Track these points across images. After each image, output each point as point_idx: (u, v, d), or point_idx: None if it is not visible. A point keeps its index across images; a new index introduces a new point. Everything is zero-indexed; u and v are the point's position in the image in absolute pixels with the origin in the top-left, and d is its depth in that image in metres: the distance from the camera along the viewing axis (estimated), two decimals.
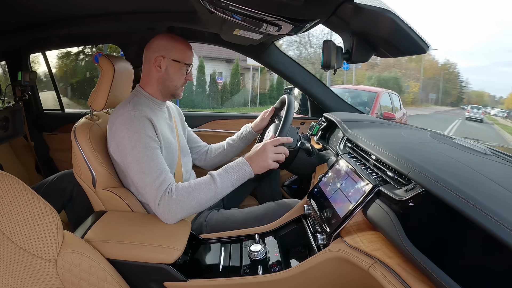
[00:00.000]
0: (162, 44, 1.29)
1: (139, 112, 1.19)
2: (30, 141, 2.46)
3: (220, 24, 1.36)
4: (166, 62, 1.29)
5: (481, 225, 0.56)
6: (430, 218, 0.73)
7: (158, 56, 1.28)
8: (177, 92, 1.36)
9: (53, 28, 1.82)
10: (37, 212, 0.86)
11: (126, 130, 1.16)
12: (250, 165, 1.18)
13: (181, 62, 1.31)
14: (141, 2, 1.50)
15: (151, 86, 1.33)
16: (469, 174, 0.78)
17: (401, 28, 0.94)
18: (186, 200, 1.10)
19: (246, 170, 1.18)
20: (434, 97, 41.82)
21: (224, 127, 2.25)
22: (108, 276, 0.93)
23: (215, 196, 1.14)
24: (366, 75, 34.28)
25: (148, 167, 1.12)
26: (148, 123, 1.20)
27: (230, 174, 1.16)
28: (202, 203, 1.13)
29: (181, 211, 1.11)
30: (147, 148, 1.15)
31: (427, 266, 0.64)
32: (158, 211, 1.11)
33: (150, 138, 1.17)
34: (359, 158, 1.14)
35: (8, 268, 0.76)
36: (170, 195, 1.10)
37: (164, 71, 1.30)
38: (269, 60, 2.01)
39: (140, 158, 1.13)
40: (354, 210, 0.89)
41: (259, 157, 1.19)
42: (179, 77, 1.33)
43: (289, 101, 1.46)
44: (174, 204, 1.10)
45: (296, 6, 0.90)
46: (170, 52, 1.29)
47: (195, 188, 1.13)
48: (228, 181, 1.15)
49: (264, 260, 1.07)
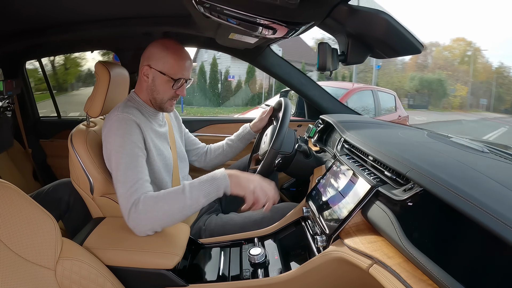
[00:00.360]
0: (152, 53, 1.22)
1: (127, 115, 1.15)
2: (28, 149, 2.45)
3: (215, 28, 1.36)
4: (153, 72, 1.23)
5: (480, 223, 0.56)
6: (429, 217, 0.73)
7: (145, 65, 1.23)
8: (165, 105, 1.28)
9: (48, 34, 1.81)
10: (36, 220, 0.85)
11: (113, 134, 1.12)
12: (229, 179, 1.04)
13: (168, 75, 1.22)
14: (136, 7, 1.49)
15: (143, 94, 1.29)
16: (466, 172, 0.78)
17: (396, 29, 0.95)
18: (153, 210, 1.01)
19: (222, 183, 1.03)
20: (486, 102, 37.68)
21: (222, 131, 2.25)
22: (108, 283, 0.92)
23: (184, 208, 1.01)
24: (409, 76, 32.47)
25: (124, 176, 1.06)
26: (136, 127, 1.16)
27: (203, 184, 1.03)
28: (170, 214, 1.01)
29: (149, 223, 1.02)
30: (128, 155, 1.10)
31: (427, 265, 0.64)
32: (128, 223, 1.03)
33: (134, 144, 1.13)
34: (357, 159, 1.14)
35: (8, 276, 0.75)
36: (137, 206, 1.01)
37: (151, 82, 1.24)
38: (265, 63, 2.02)
39: (119, 165, 1.08)
40: (353, 211, 0.89)
41: (245, 179, 1.05)
42: (165, 90, 1.24)
43: (286, 105, 1.46)
44: (142, 215, 1.00)
45: (291, 9, 0.90)
46: (158, 63, 1.21)
47: (163, 198, 1.02)
48: (199, 191, 1.02)
49: (264, 264, 1.07)
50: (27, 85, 2.39)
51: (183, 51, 1.25)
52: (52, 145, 2.44)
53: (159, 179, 1.28)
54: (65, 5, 1.42)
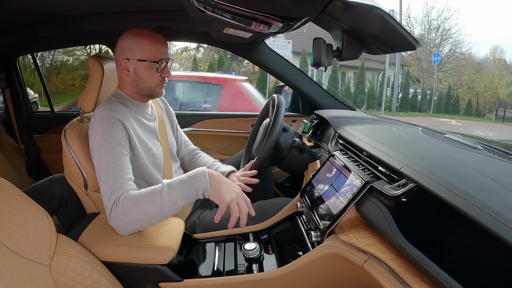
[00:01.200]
0: (125, 45, 1.19)
1: (109, 112, 1.12)
2: (20, 144, 2.43)
3: (210, 23, 1.36)
4: (133, 63, 1.19)
5: (473, 218, 0.56)
6: (423, 212, 0.74)
7: (122, 58, 1.19)
8: (155, 91, 1.25)
9: (41, 28, 1.79)
10: (30, 216, 0.85)
11: (95, 132, 1.10)
12: (209, 182, 0.99)
13: (149, 60, 1.18)
14: (130, 1, 1.48)
15: (126, 89, 1.25)
16: (460, 168, 0.79)
17: (391, 25, 0.95)
18: (131, 212, 0.97)
19: (201, 185, 0.98)
20: None
21: (216, 126, 2.25)
22: (103, 278, 0.92)
23: (163, 210, 0.97)
24: (506, 81, 24.03)
25: (106, 176, 1.04)
26: (118, 124, 1.13)
27: (182, 186, 0.98)
28: (149, 216, 0.97)
29: (129, 224, 0.99)
30: (110, 153, 1.07)
31: (421, 260, 0.65)
32: (110, 223, 1.00)
33: (116, 142, 1.09)
34: (351, 154, 1.15)
35: (2, 273, 0.75)
36: (117, 207, 0.98)
37: (134, 74, 1.20)
38: (259, 58, 2.02)
39: (100, 164, 1.06)
40: (347, 206, 0.89)
41: (226, 188, 1.00)
42: (150, 76, 1.21)
43: (279, 101, 1.46)
44: (122, 216, 0.97)
45: (286, 4, 0.90)
46: (135, 52, 1.17)
47: (141, 198, 0.98)
48: (178, 193, 0.97)
49: (259, 259, 1.07)
50: (20, 80, 2.36)
51: (156, 33, 1.21)
52: (45, 140, 2.42)
53: (149, 175, 1.26)
54: None
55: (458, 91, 17.67)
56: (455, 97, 16.93)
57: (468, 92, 17.95)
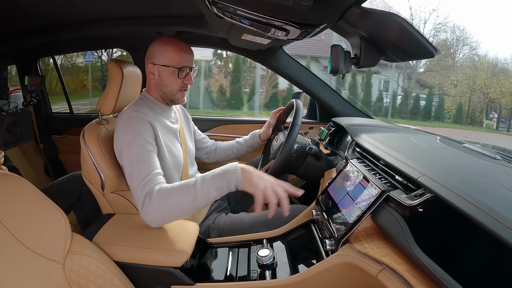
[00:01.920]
0: (153, 50, 1.29)
1: (137, 113, 1.19)
2: (40, 144, 2.49)
3: (228, 29, 1.37)
4: (158, 68, 1.28)
5: (491, 231, 0.55)
6: (439, 224, 0.73)
7: (149, 63, 1.29)
8: (176, 97, 1.33)
9: (61, 32, 1.84)
10: (46, 214, 0.86)
11: (124, 131, 1.16)
12: (241, 174, 1.02)
13: (171, 66, 1.27)
14: (150, 6, 1.51)
15: (153, 91, 1.34)
16: (478, 179, 0.77)
17: (409, 32, 0.94)
18: (165, 201, 1.02)
19: (234, 177, 1.02)
20: None
21: (231, 132, 2.25)
22: (115, 279, 0.93)
23: (195, 200, 1.01)
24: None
25: (138, 169, 1.09)
26: (147, 125, 1.19)
27: (215, 178, 1.03)
28: (181, 206, 1.02)
29: (161, 214, 1.03)
30: (141, 150, 1.13)
31: (436, 272, 0.63)
32: (141, 213, 1.05)
33: (146, 140, 1.16)
34: (368, 163, 1.14)
35: (17, 269, 0.77)
36: (151, 196, 1.03)
37: (158, 78, 1.30)
38: (277, 64, 2.02)
39: (132, 160, 1.11)
40: (363, 215, 0.88)
41: (257, 177, 1.03)
42: (172, 82, 1.30)
43: (298, 105, 1.46)
44: (155, 205, 1.02)
45: (304, 11, 0.90)
46: (160, 58, 1.27)
47: (176, 189, 1.03)
48: (211, 185, 1.02)
49: (272, 265, 1.06)
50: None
51: (181, 42, 1.30)
52: (64, 141, 2.47)
53: (169, 176, 1.31)
54: (78, 4, 1.44)
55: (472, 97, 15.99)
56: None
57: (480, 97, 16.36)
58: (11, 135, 1.96)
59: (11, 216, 0.81)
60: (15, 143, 1.92)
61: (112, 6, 1.51)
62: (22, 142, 2.05)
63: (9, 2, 1.36)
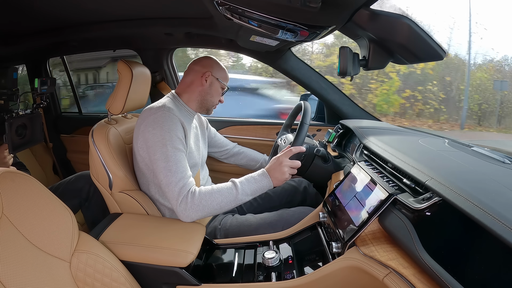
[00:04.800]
0: (211, 63, 1.44)
1: (173, 113, 1.26)
2: (49, 143, 2.51)
3: (236, 30, 1.37)
4: (212, 78, 1.43)
5: (499, 236, 0.54)
6: (447, 228, 0.72)
7: (207, 71, 1.41)
8: (211, 108, 1.48)
9: (71, 33, 1.85)
10: (54, 213, 0.87)
11: (159, 128, 1.21)
12: (270, 177, 1.23)
13: (222, 82, 1.45)
14: (159, 8, 1.52)
15: (188, 95, 1.43)
16: (487, 183, 0.76)
17: (418, 34, 0.94)
18: (208, 199, 1.16)
19: (266, 182, 1.23)
20: None
21: (240, 133, 2.25)
22: (121, 278, 0.94)
23: (234, 201, 1.19)
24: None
25: (175, 167, 1.18)
26: (180, 126, 1.27)
27: (251, 183, 1.21)
28: (222, 205, 1.18)
29: (201, 210, 1.15)
30: (176, 149, 1.21)
31: (443, 277, 0.63)
32: (178, 208, 1.15)
33: (180, 141, 1.24)
34: (376, 166, 1.13)
35: (24, 266, 0.78)
36: (194, 194, 1.16)
37: (208, 86, 1.43)
38: (286, 66, 2.01)
39: (169, 156, 1.19)
40: (370, 218, 0.87)
41: (277, 171, 1.23)
42: (217, 95, 1.46)
43: (306, 107, 1.45)
44: (197, 202, 1.15)
45: (313, 13, 0.90)
46: (217, 71, 1.44)
47: (217, 190, 1.18)
48: (248, 189, 1.20)
49: (278, 267, 1.06)
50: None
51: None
52: (72, 140, 2.49)
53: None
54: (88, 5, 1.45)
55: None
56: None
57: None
58: (21, 137, 1.97)
59: (19, 214, 0.82)
60: (25, 146, 1.93)
61: (121, 7, 1.52)
62: (32, 145, 2.06)
63: (19, 3, 1.38)
